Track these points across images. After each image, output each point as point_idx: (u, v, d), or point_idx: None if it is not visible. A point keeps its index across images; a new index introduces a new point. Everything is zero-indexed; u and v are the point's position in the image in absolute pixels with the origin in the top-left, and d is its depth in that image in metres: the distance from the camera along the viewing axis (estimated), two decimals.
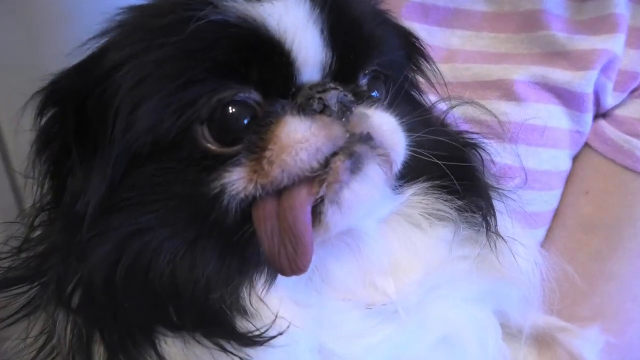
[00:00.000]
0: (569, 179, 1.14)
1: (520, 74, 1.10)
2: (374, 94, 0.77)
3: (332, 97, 0.68)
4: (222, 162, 0.68)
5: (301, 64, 0.70)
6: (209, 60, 0.67)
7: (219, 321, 0.67)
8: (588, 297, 1.05)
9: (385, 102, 0.77)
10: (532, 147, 1.08)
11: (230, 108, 0.68)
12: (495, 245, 0.76)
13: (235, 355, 0.65)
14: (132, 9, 0.74)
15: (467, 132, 0.92)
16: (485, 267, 0.77)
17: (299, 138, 0.66)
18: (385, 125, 0.70)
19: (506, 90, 1.09)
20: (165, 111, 0.67)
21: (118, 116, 0.67)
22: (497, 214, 0.80)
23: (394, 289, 0.73)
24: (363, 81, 0.76)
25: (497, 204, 0.82)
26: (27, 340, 0.72)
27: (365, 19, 0.77)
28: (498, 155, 0.92)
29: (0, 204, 1.06)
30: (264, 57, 0.68)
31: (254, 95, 0.69)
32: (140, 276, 0.67)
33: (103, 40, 0.72)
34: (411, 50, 0.89)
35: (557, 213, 1.14)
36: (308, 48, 0.70)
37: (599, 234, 1.09)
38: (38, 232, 0.74)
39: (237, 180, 0.67)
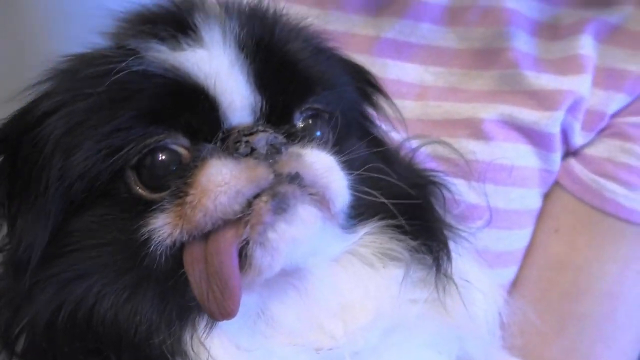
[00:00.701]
0: (540, 216, 1.13)
1: (489, 112, 1.09)
2: (317, 133, 0.76)
3: (261, 140, 0.68)
4: (150, 208, 0.68)
5: (227, 109, 0.70)
6: (133, 109, 0.68)
7: None
8: (558, 337, 1.04)
9: (328, 141, 0.77)
10: (500, 187, 1.07)
11: (158, 154, 0.69)
12: (444, 289, 0.74)
13: None
14: (72, 56, 0.76)
15: (431, 170, 0.91)
16: (436, 312, 0.75)
17: (219, 181, 0.65)
18: (317, 163, 0.69)
19: (474, 129, 1.09)
20: (97, 157, 0.68)
21: (52, 163, 0.69)
22: (453, 256, 0.78)
23: (342, 332, 0.71)
24: (298, 121, 0.76)
25: (453, 245, 0.80)
26: None
27: (300, 57, 0.76)
28: (462, 194, 0.91)
29: None
30: (188, 104, 0.69)
31: (182, 141, 0.70)
32: (82, 321, 0.67)
33: (43, 87, 0.74)
34: (365, 87, 0.88)
35: (527, 251, 1.13)
36: (233, 93, 0.70)
37: (568, 274, 1.08)
38: None
39: (162, 227, 0.67)
